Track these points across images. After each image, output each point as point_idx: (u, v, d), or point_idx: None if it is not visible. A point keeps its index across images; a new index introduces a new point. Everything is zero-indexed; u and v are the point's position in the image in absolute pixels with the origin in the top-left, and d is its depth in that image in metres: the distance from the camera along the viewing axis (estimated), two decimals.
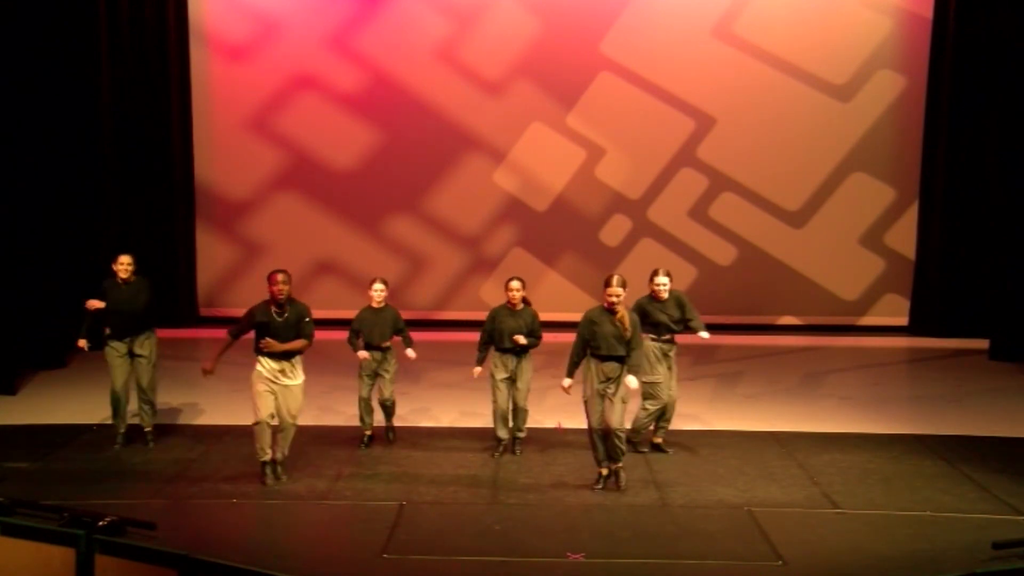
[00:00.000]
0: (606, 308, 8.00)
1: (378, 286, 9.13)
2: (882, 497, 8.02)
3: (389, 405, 9.21)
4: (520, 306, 8.89)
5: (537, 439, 9.33)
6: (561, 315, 13.44)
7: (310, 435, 9.43)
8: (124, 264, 9.00)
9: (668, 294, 8.94)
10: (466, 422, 9.95)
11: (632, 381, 7.98)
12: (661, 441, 9.12)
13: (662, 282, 8.90)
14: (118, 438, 9.04)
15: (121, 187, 13.81)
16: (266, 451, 8.16)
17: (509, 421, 8.97)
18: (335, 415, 10.19)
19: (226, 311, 14.29)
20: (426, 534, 7.26)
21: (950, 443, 9.41)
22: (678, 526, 7.46)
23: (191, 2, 14.28)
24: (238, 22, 14.42)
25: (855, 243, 14.71)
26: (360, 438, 9.18)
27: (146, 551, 5.57)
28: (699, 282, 14.26)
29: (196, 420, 9.99)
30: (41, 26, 12.15)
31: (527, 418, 9.06)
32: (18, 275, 11.58)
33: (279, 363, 8.13)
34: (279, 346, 8.08)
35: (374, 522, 7.41)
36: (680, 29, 14.40)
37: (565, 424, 9.76)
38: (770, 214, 14.67)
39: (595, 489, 8.09)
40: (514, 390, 8.90)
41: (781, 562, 6.83)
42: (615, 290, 7.96)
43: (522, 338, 8.73)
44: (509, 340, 8.81)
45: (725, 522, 7.50)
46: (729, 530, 7.36)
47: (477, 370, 9.02)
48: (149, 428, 9.13)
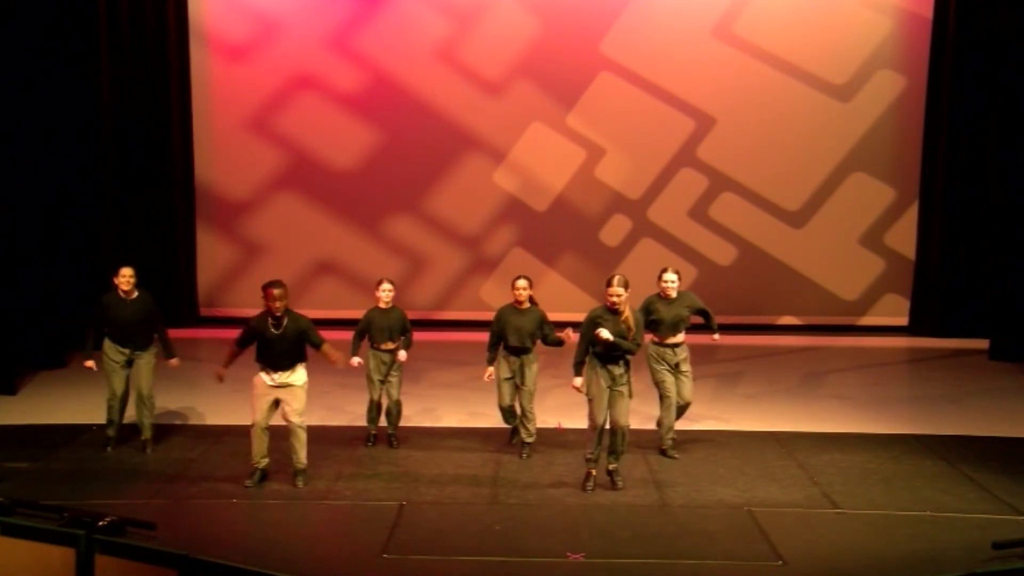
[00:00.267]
0: (609, 308, 8.00)
1: (386, 286, 9.08)
2: (882, 497, 8.02)
3: (395, 410, 9.14)
4: (527, 305, 8.85)
5: (537, 439, 9.31)
6: (561, 315, 13.39)
7: (310, 435, 9.41)
8: (126, 277, 8.86)
9: (677, 294, 8.90)
10: (466, 422, 9.95)
11: (602, 332, 7.82)
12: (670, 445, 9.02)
13: (669, 279, 8.87)
14: (109, 442, 8.96)
15: (121, 187, 13.79)
16: (259, 459, 8.09)
17: (517, 412, 8.92)
18: (335, 415, 10.18)
19: (226, 311, 14.32)
20: (426, 534, 7.25)
21: (950, 443, 9.41)
22: (678, 526, 7.46)
23: (191, 2, 14.28)
24: (238, 22, 14.43)
25: (855, 243, 14.71)
26: (365, 437, 9.14)
27: (146, 551, 5.57)
28: (699, 282, 14.23)
29: (196, 420, 9.99)
30: (41, 26, 12.14)
31: (534, 421, 9.00)
32: (18, 275, 11.57)
33: (278, 372, 8.05)
34: (339, 356, 8.12)
35: (374, 522, 7.41)
36: (680, 29, 14.40)
37: (565, 424, 9.76)
38: (770, 214, 14.67)
39: (587, 489, 8.06)
40: (519, 392, 8.88)
41: (781, 562, 6.83)
42: (615, 290, 7.93)
43: (571, 332, 8.41)
44: (514, 339, 8.80)
45: (725, 522, 7.50)
46: (729, 530, 7.36)
47: (489, 370, 8.90)
48: (147, 436, 9.02)
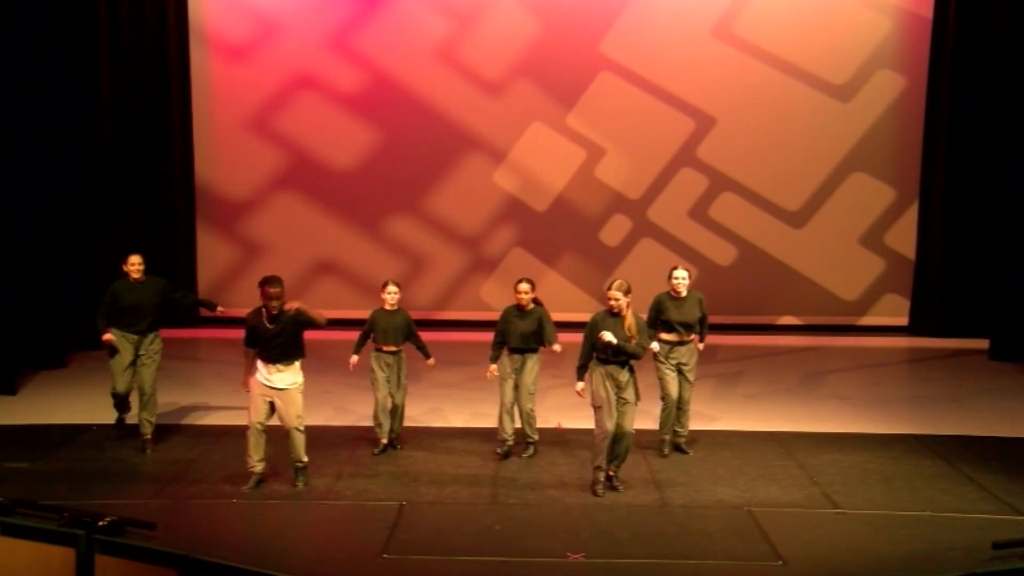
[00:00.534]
0: (610, 312, 7.99)
1: (392, 288, 9.07)
2: (882, 497, 8.03)
3: (397, 414, 9.09)
4: (530, 307, 8.84)
5: (538, 439, 9.32)
6: (561, 315, 13.38)
7: (311, 435, 9.41)
8: (135, 264, 9.00)
9: (688, 293, 8.89)
10: (467, 422, 9.95)
11: (605, 334, 7.80)
12: (674, 441, 9.02)
13: (680, 275, 8.87)
14: (119, 423, 9.18)
15: (121, 187, 13.78)
16: (254, 462, 8.02)
17: (515, 419, 8.93)
18: (336, 415, 10.19)
19: (226, 311, 14.24)
20: (426, 534, 7.26)
21: (950, 443, 9.41)
22: (678, 526, 7.46)
23: (191, 2, 14.27)
24: (238, 22, 14.42)
25: (855, 243, 14.71)
26: (373, 443, 9.02)
27: (146, 551, 5.57)
28: (699, 282, 14.04)
29: (196, 420, 9.99)
30: (41, 26, 12.15)
31: (534, 421, 8.98)
32: (18, 275, 11.58)
33: (275, 367, 8.00)
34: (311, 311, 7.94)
35: (374, 522, 7.42)
36: (680, 29, 14.40)
37: (565, 424, 9.76)
38: (770, 214, 14.67)
39: (598, 493, 8.02)
40: (517, 392, 8.88)
41: (781, 562, 6.84)
42: (614, 294, 7.94)
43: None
44: (516, 340, 8.79)
45: (725, 522, 7.51)
46: (729, 530, 7.36)
47: (492, 367, 8.92)
48: (148, 436, 9.03)
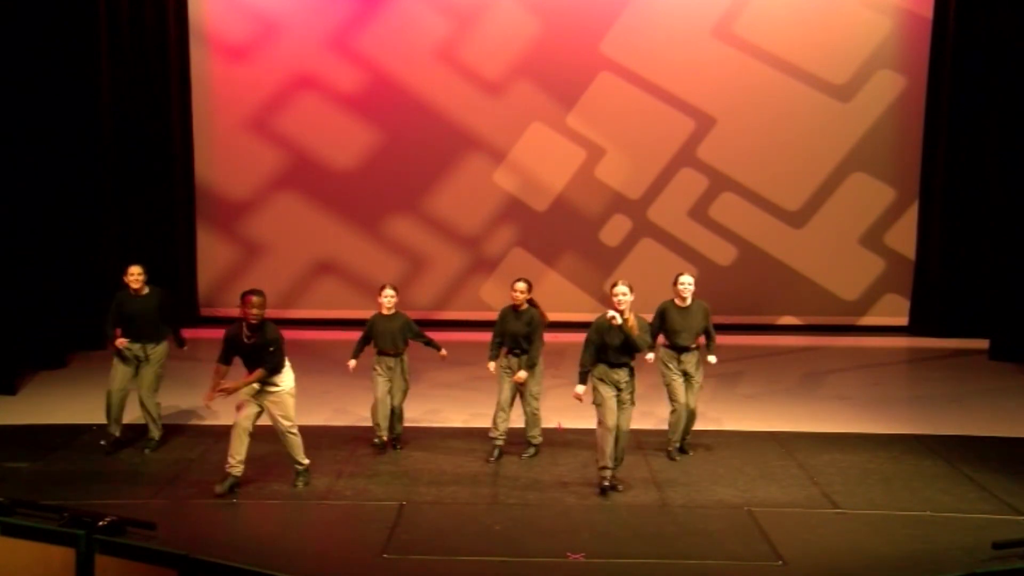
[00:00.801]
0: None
1: (388, 292, 9.03)
2: (882, 497, 8.03)
3: (396, 416, 9.08)
4: (524, 307, 8.83)
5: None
6: (561, 315, 13.39)
7: (310, 435, 9.41)
8: (135, 275, 8.95)
9: (693, 301, 8.87)
10: (466, 422, 9.94)
11: (613, 315, 7.82)
12: (676, 448, 8.99)
13: (685, 281, 8.84)
14: (108, 438, 8.88)
15: (121, 187, 13.78)
16: (234, 463, 7.88)
17: (509, 419, 8.94)
18: (337, 416, 10.19)
19: (226, 311, 14.27)
20: (426, 534, 7.25)
21: (950, 443, 9.41)
22: (678, 526, 7.46)
23: (191, 2, 14.28)
24: (238, 22, 14.43)
25: (855, 243, 14.71)
26: (372, 440, 9.00)
27: (146, 551, 5.57)
28: (699, 282, 13.90)
29: (196, 420, 9.99)
30: (41, 26, 12.14)
31: (539, 422, 8.96)
32: (18, 275, 11.57)
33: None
34: (233, 385, 7.76)
35: (374, 522, 7.41)
36: (680, 29, 14.40)
37: (565, 424, 9.75)
38: (770, 214, 14.67)
39: (608, 491, 8.03)
40: (521, 394, 8.86)
41: (781, 562, 6.84)
42: (620, 289, 7.93)
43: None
44: (511, 342, 8.79)
45: (725, 522, 7.50)
46: (729, 530, 7.36)
47: (491, 364, 8.92)
48: (153, 435, 9.03)
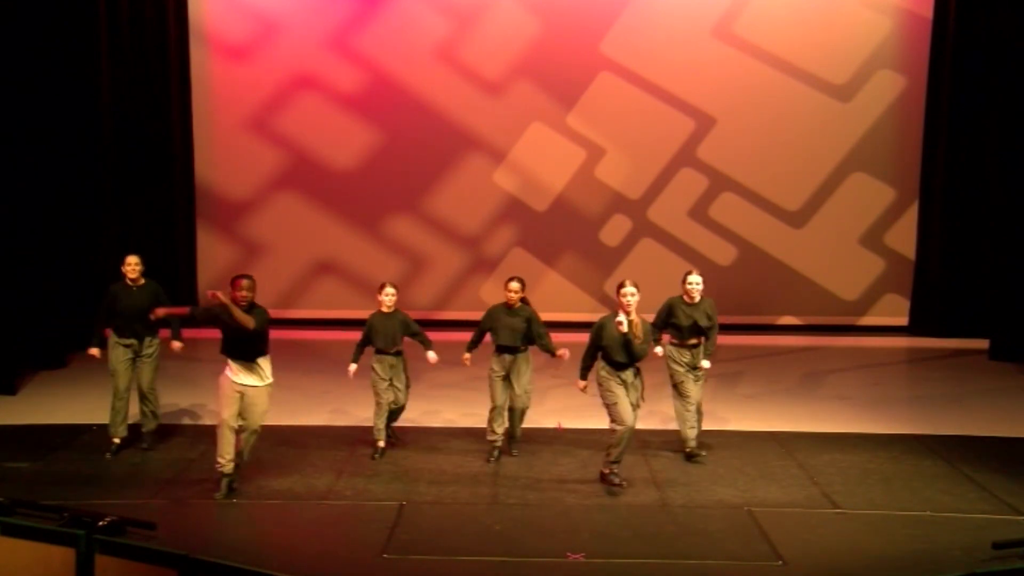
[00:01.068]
0: (622, 312, 8.01)
1: (388, 290, 9.00)
2: (882, 497, 8.03)
3: (396, 409, 9.06)
4: (518, 306, 8.83)
5: (537, 439, 9.33)
6: (561, 315, 13.43)
7: (310, 435, 9.44)
8: (132, 264, 8.97)
9: (701, 299, 8.86)
10: (466, 422, 9.93)
11: (623, 321, 7.91)
12: (687, 449, 8.96)
13: (694, 281, 8.83)
14: (112, 446, 8.86)
15: (121, 187, 13.80)
16: (225, 462, 7.86)
17: (504, 420, 8.92)
18: (335, 416, 10.20)
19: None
20: (426, 534, 7.26)
21: (950, 443, 9.41)
22: (678, 526, 7.47)
23: (191, 2, 14.27)
24: (238, 22, 14.42)
25: (855, 243, 14.70)
26: (372, 447, 8.95)
27: (146, 551, 5.58)
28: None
29: (196, 420, 9.99)
30: (41, 26, 12.14)
31: (523, 418, 9.01)
32: (18, 275, 11.57)
33: (245, 364, 7.90)
34: (238, 313, 7.68)
35: (374, 522, 7.42)
36: (680, 29, 14.40)
37: (565, 424, 9.76)
38: (770, 214, 14.66)
39: (620, 485, 8.07)
40: (511, 392, 8.87)
41: (781, 562, 6.84)
42: (629, 290, 7.98)
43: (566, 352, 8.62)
44: (507, 337, 8.78)
45: (725, 522, 7.51)
46: (729, 530, 7.36)
47: (466, 356, 9.02)
48: (150, 428, 9.08)
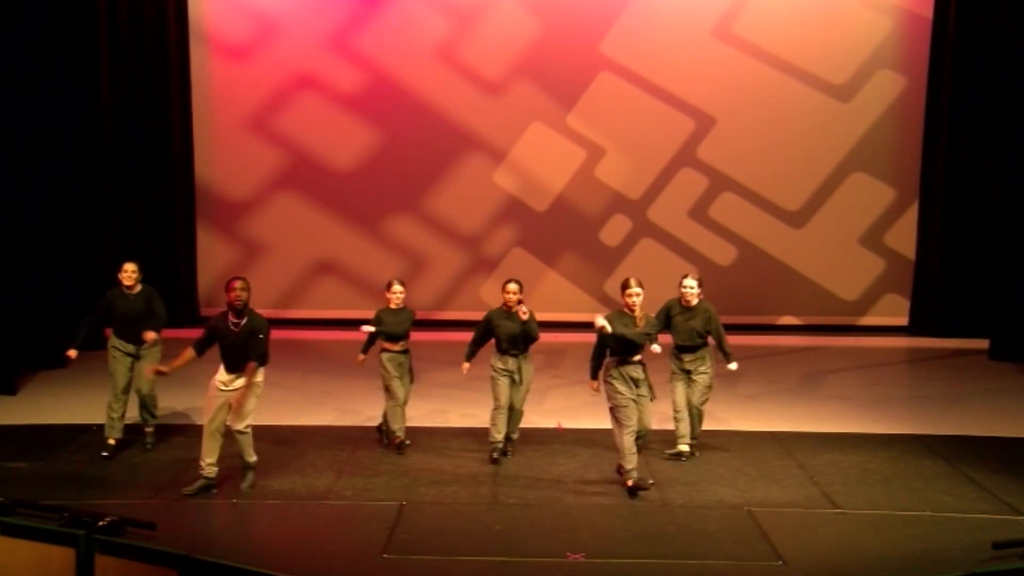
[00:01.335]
0: (623, 311, 8.03)
1: (397, 287, 9.03)
2: (882, 497, 8.03)
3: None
4: (515, 308, 8.78)
5: (537, 439, 9.33)
6: (561, 315, 13.46)
7: (310, 435, 9.44)
8: (129, 272, 8.92)
9: (699, 304, 8.87)
10: (466, 422, 9.94)
11: (599, 320, 7.99)
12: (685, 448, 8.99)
13: (688, 284, 8.85)
14: (107, 448, 8.79)
15: (121, 187, 13.80)
16: (207, 465, 7.87)
17: (506, 419, 8.89)
18: (335, 415, 10.20)
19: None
20: (426, 534, 7.26)
21: (950, 443, 9.42)
22: (678, 526, 7.46)
23: (191, 2, 14.28)
24: (238, 22, 14.42)
25: (855, 243, 14.71)
26: (380, 438, 9.08)
27: (146, 551, 5.58)
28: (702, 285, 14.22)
29: (196, 420, 9.96)
30: (41, 26, 12.14)
31: (521, 419, 9.00)
32: (18, 275, 11.57)
33: (233, 372, 7.94)
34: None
35: (374, 522, 7.41)
36: (680, 29, 14.40)
37: (565, 424, 9.76)
38: (770, 214, 14.67)
39: (637, 492, 8.04)
40: (514, 391, 8.86)
41: (781, 562, 6.84)
42: (634, 290, 8.00)
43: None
44: (508, 343, 8.76)
45: (725, 522, 7.51)
46: (729, 530, 7.36)
47: (465, 366, 8.94)
48: (150, 429, 9.09)
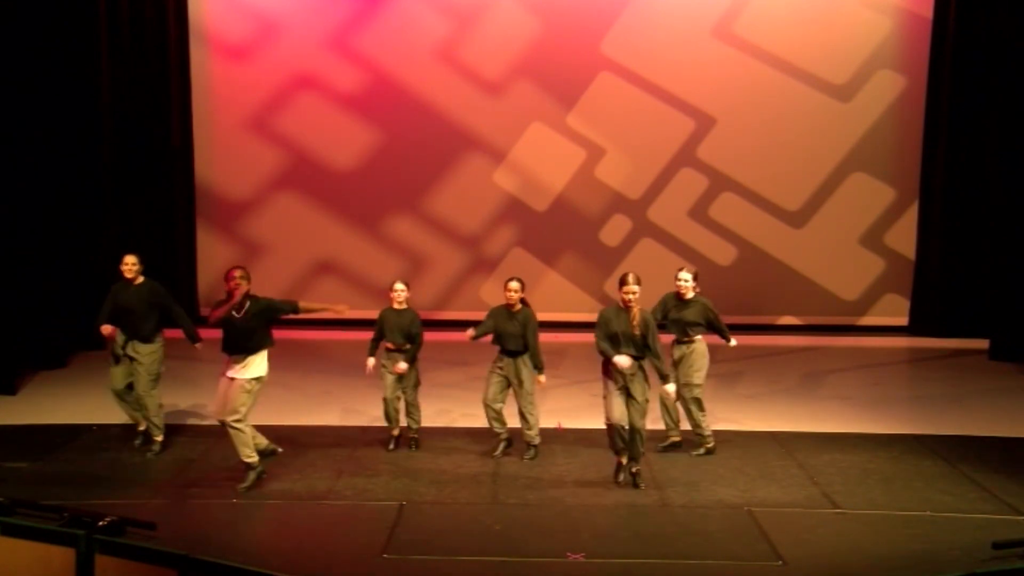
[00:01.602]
0: (620, 308, 8.05)
1: (399, 287, 9.02)
2: (882, 497, 8.03)
3: (411, 411, 9.06)
4: (518, 307, 8.80)
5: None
6: (561, 315, 13.47)
7: (311, 435, 9.44)
8: (129, 264, 8.95)
9: (694, 296, 8.91)
10: (466, 422, 9.93)
11: (670, 388, 8.30)
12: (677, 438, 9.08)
13: (683, 278, 8.91)
14: (138, 436, 9.02)
15: (121, 187, 13.79)
16: (247, 455, 7.97)
17: (503, 419, 8.89)
18: (336, 415, 10.20)
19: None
20: (426, 534, 7.25)
21: (950, 443, 9.41)
22: (678, 526, 7.46)
23: (191, 2, 14.27)
24: (238, 22, 14.42)
25: (855, 243, 14.70)
26: (385, 439, 9.09)
27: (146, 551, 5.57)
28: (699, 282, 14.20)
29: (196, 420, 9.98)
30: (41, 26, 12.14)
31: (535, 422, 8.89)
32: (18, 275, 11.57)
33: (235, 357, 7.93)
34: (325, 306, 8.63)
35: (374, 522, 7.42)
36: (680, 29, 14.40)
37: (565, 424, 9.76)
38: (770, 214, 14.66)
39: (618, 482, 8.12)
40: (517, 394, 8.83)
41: (781, 562, 6.84)
42: (631, 288, 8.01)
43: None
44: (510, 343, 8.75)
45: (725, 522, 7.51)
46: (729, 530, 7.36)
47: (470, 331, 8.87)
48: (142, 428, 9.09)
